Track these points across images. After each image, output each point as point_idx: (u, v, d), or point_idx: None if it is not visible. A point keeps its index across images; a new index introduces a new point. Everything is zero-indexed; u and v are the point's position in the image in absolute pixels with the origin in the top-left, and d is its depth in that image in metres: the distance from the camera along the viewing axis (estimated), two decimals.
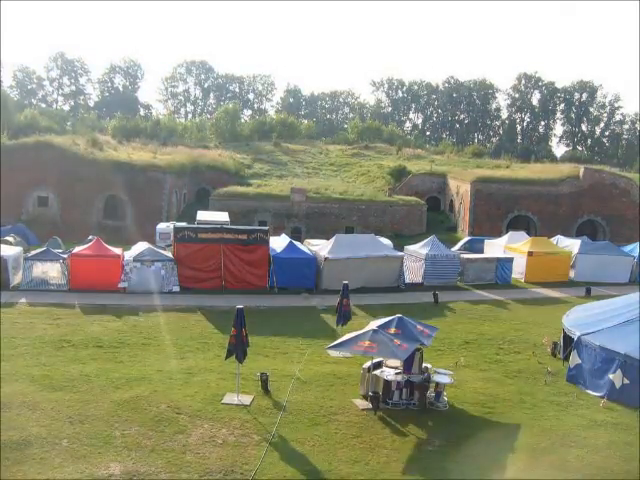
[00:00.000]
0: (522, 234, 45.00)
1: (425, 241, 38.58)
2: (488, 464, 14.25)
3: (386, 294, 33.17)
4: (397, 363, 18.27)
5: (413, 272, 36.83)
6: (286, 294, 32.12)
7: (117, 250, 32.66)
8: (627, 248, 42.44)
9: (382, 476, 13.60)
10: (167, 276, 31.69)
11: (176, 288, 31.52)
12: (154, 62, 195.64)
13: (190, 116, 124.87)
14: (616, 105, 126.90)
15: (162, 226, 43.44)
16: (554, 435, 16.00)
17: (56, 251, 33.24)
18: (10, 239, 38.19)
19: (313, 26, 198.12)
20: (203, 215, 44.86)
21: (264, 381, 18.02)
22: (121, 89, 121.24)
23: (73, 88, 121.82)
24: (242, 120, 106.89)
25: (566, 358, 21.29)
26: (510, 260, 38.28)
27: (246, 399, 17.31)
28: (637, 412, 17.21)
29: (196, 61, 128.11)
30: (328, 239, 37.52)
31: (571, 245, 41.85)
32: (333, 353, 21.25)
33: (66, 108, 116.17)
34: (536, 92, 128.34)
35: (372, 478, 13.51)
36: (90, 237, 37.23)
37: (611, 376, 18.53)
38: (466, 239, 48.47)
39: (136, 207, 52.06)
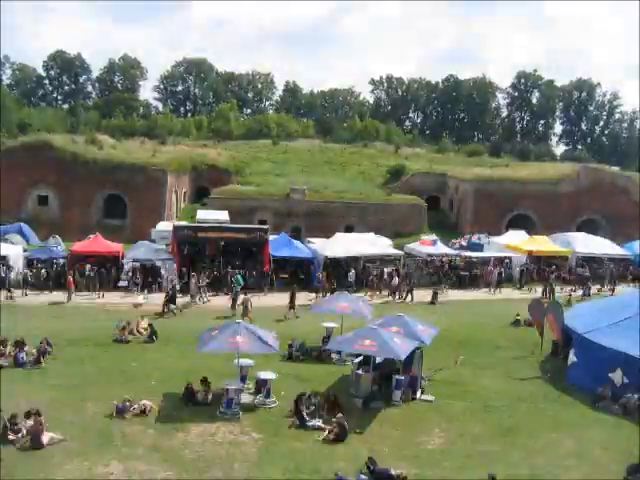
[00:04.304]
0: (522, 233, 44.98)
1: None
2: (487, 462, 14.27)
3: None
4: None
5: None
6: (286, 293, 32.02)
7: (117, 246, 32.67)
8: (626, 246, 42.40)
9: None
10: (167, 275, 31.65)
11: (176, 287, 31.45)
12: (153, 61, 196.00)
13: (189, 115, 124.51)
14: (615, 104, 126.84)
15: (162, 225, 43.38)
16: (553, 433, 16.02)
17: (56, 250, 33.23)
18: (10, 238, 38.13)
19: (313, 25, 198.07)
20: (203, 214, 44.85)
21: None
22: (120, 87, 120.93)
23: (72, 87, 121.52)
24: (241, 119, 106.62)
25: (566, 357, 21.28)
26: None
27: (245, 397, 17.33)
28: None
29: (195, 59, 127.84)
30: (328, 238, 37.52)
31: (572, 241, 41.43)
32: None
33: (65, 107, 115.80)
34: (535, 91, 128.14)
35: None
36: (90, 236, 37.19)
37: (611, 375, 18.53)
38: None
39: (136, 206, 52.02)
